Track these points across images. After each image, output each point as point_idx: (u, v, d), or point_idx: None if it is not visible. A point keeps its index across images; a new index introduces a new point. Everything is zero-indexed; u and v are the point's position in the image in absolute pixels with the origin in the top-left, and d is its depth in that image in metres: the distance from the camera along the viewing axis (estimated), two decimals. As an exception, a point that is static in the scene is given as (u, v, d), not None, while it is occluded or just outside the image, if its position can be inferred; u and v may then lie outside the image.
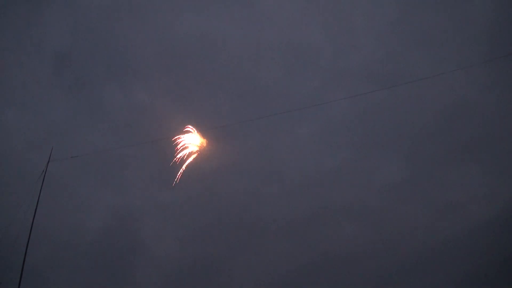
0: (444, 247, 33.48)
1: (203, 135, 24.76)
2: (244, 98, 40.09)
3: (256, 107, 38.24)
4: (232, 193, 38.28)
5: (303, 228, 37.41)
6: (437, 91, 35.16)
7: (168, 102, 39.59)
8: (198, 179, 31.39)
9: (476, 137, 35.59)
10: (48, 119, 39.16)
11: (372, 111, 37.85)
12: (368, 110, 37.78)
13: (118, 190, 38.91)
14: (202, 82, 40.29)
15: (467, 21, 36.51)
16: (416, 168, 37.95)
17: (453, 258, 32.94)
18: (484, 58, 32.46)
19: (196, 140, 24.50)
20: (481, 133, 35.74)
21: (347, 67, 38.94)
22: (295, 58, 40.36)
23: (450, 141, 36.64)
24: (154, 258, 37.51)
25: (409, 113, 37.71)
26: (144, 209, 38.55)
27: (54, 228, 34.20)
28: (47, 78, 39.19)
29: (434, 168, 37.15)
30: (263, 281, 35.94)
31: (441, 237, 34.02)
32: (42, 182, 20.28)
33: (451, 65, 31.96)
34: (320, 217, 37.59)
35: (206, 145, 24.68)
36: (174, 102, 39.64)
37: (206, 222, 37.60)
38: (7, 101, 38.60)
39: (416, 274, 33.63)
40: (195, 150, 24.41)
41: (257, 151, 39.24)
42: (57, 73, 39.51)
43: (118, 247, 37.42)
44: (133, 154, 35.63)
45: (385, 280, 33.85)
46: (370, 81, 37.04)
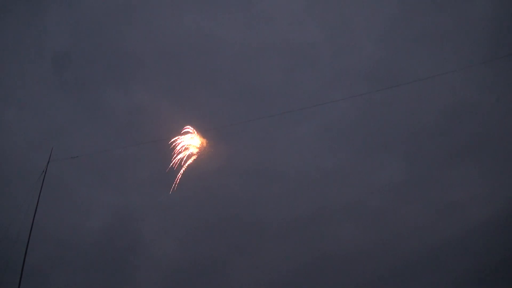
0: (444, 247, 33.51)
1: (203, 136, 24.79)
2: (244, 98, 40.15)
3: (256, 107, 38.25)
4: (232, 193, 38.36)
5: (303, 228, 37.50)
6: (437, 91, 35.18)
7: (168, 102, 39.67)
8: (198, 179, 31.36)
9: (476, 137, 35.61)
10: (48, 119, 39.26)
11: (372, 111, 37.89)
12: (368, 110, 37.82)
13: (118, 190, 38.97)
14: (202, 82, 40.35)
15: (467, 21, 36.51)
16: (416, 168, 38.01)
17: (453, 258, 33.00)
18: (484, 58, 32.46)
19: (196, 141, 24.52)
20: (481, 133, 35.76)
21: (347, 67, 38.97)
22: (295, 58, 40.41)
23: (450, 141, 36.68)
24: (154, 258, 37.60)
25: (409, 113, 37.74)
26: (144, 209, 38.60)
27: (54, 228, 34.26)
28: (47, 78, 39.24)
29: (434, 168, 37.21)
30: (263, 281, 35.99)
31: (441, 237, 34.02)
32: (42, 182, 20.29)
33: (451, 65, 31.91)
34: (320, 217, 37.65)
35: (206, 146, 24.71)
36: (174, 102, 39.69)
37: (206, 222, 37.66)
38: (7, 101, 38.66)
39: (416, 274, 33.68)
40: (195, 152, 24.43)
41: (257, 151, 39.27)
42: (57, 73, 39.56)
43: (118, 247, 37.53)
44: (133, 154, 35.67)
45: (385, 280, 33.88)
46: (370, 81, 37.11)
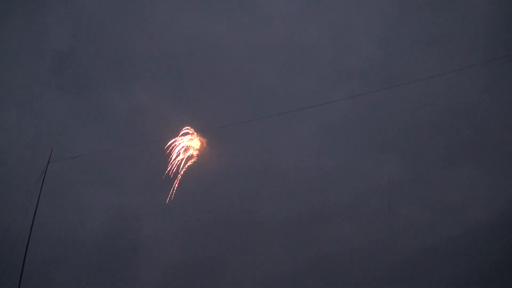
0: (444, 247, 33.53)
1: (203, 136, 24.84)
2: (244, 99, 40.12)
3: (256, 108, 38.24)
4: (232, 193, 38.35)
5: (303, 228, 37.48)
6: (437, 91, 35.19)
7: (168, 103, 39.69)
8: (198, 180, 31.40)
9: (476, 138, 35.63)
10: (48, 119, 39.19)
11: (372, 111, 37.89)
12: (368, 110, 37.82)
13: (118, 190, 38.95)
14: (202, 83, 40.35)
15: (467, 21, 36.49)
16: (416, 168, 37.99)
17: (453, 258, 33.00)
18: (484, 58, 32.47)
19: (196, 141, 24.56)
20: (481, 134, 35.77)
21: (347, 67, 38.94)
22: (295, 58, 40.37)
23: (450, 142, 36.71)
24: (154, 258, 37.62)
25: (409, 113, 37.76)
26: (144, 209, 38.61)
27: (54, 228, 34.32)
28: (47, 78, 39.23)
29: (434, 168, 37.20)
30: (263, 281, 36.03)
31: (441, 237, 34.05)
32: (42, 182, 20.35)
33: (451, 65, 31.91)
34: (320, 217, 37.69)
35: (206, 146, 24.75)
36: (174, 103, 39.73)
37: (206, 222, 37.66)
38: (7, 101, 38.68)
39: (416, 274, 33.69)
40: (195, 152, 24.46)
41: (257, 152, 39.27)
42: (57, 73, 39.54)
43: (118, 247, 37.52)
44: (133, 154, 35.65)
45: (385, 280, 33.88)
46: (370, 81, 37.13)
